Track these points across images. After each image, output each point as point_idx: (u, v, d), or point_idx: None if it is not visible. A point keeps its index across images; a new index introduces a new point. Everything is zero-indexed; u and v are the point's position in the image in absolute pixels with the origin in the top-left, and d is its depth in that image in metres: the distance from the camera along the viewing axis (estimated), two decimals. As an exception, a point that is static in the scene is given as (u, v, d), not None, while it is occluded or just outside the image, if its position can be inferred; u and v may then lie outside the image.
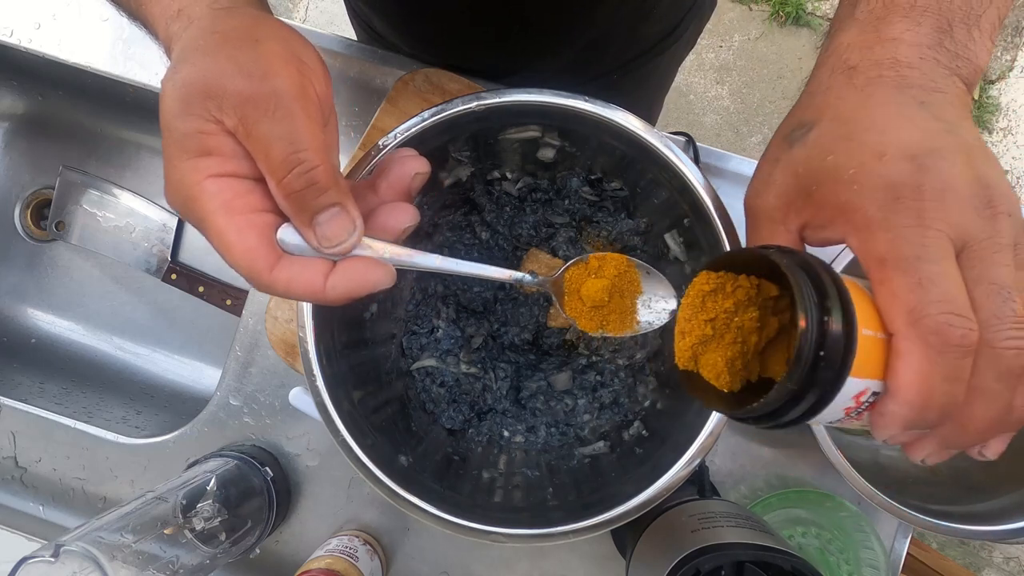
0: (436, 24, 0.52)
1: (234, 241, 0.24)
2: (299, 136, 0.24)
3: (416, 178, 0.29)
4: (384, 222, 0.28)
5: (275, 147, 0.24)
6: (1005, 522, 0.42)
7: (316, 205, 0.25)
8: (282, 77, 0.24)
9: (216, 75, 0.24)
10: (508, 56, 0.54)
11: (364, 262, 0.27)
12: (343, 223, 0.25)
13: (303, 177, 0.24)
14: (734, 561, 0.33)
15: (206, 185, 0.24)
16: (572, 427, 0.48)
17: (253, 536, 0.46)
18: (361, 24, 0.63)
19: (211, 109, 0.24)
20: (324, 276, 0.26)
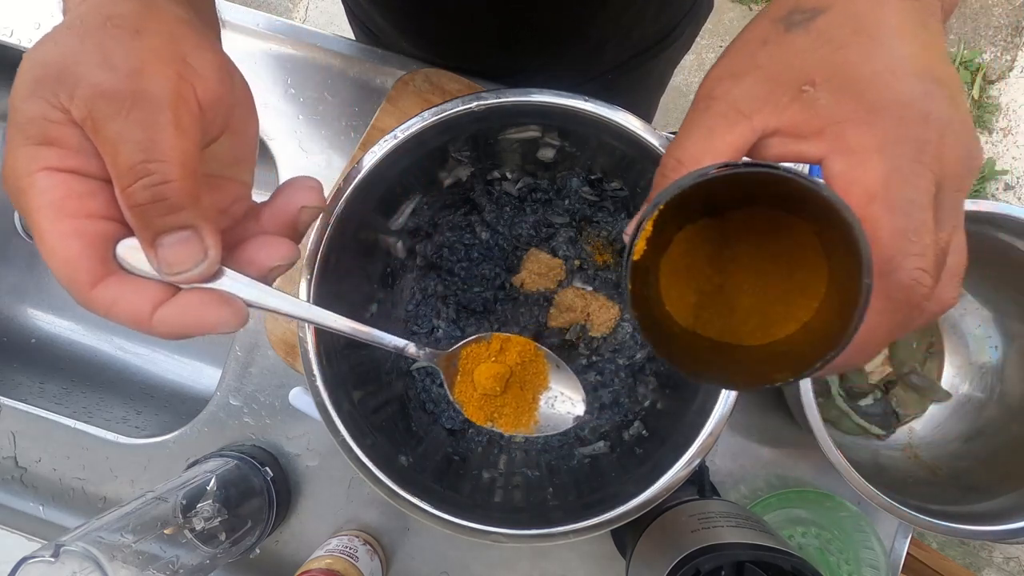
0: (437, 22, 0.52)
1: (55, 247, 0.21)
2: (155, 144, 0.20)
3: (304, 212, 0.26)
4: (251, 255, 0.25)
5: (123, 151, 0.20)
6: (1005, 522, 0.42)
7: (162, 224, 0.21)
8: (152, 77, 0.21)
9: (76, 60, 0.20)
10: (508, 56, 0.54)
11: (206, 298, 0.23)
12: (190, 250, 0.22)
13: (150, 190, 0.20)
14: (734, 561, 0.33)
15: (38, 178, 0.21)
16: (572, 427, 0.48)
17: (253, 536, 0.46)
18: (359, 24, 0.63)
19: (60, 95, 0.20)
20: (153, 305, 0.22)
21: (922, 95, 0.20)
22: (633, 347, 0.48)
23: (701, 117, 0.24)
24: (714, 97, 0.23)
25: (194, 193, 0.22)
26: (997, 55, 1.42)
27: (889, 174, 0.20)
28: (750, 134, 0.23)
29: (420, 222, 0.46)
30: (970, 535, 0.42)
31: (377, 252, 0.44)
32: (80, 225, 0.21)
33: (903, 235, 0.19)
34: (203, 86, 0.22)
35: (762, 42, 0.23)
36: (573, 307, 0.48)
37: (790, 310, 0.23)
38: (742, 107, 0.23)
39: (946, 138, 0.20)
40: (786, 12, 0.23)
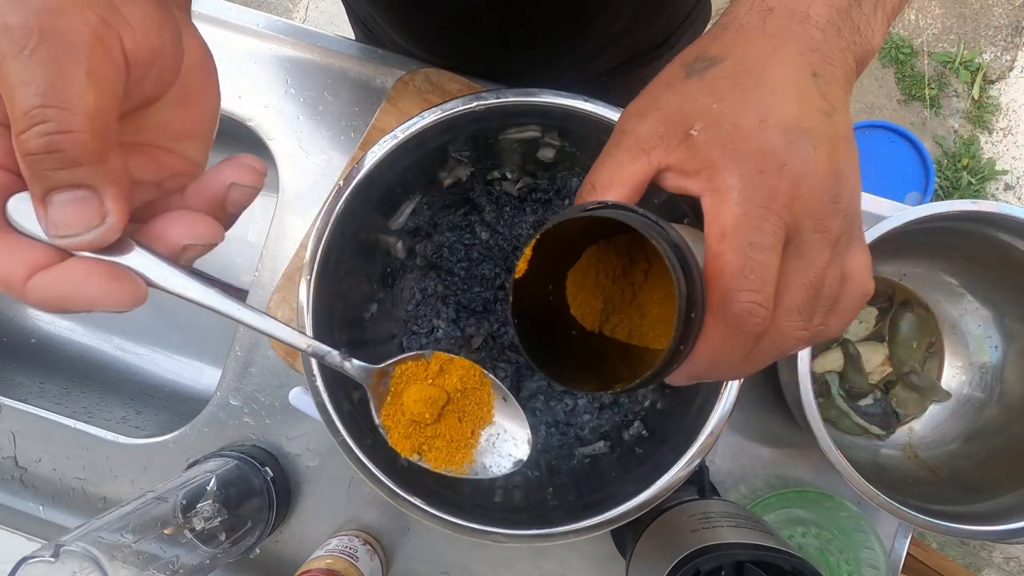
0: (436, 20, 0.52)
1: None
2: (58, 88, 0.18)
3: (233, 189, 0.23)
4: (161, 230, 0.22)
5: (21, 92, 0.18)
6: (1005, 522, 0.42)
7: (56, 179, 0.19)
8: (68, 16, 0.18)
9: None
10: (506, 56, 0.54)
11: (94, 269, 0.20)
12: (83, 211, 0.19)
13: (44, 139, 0.18)
14: (734, 561, 0.33)
15: None
16: (572, 427, 0.48)
17: (253, 536, 0.46)
18: (359, 24, 0.63)
19: None
20: (31, 268, 0.20)
21: (783, 145, 0.23)
22: (633, 347, 0.48)
23: (613, 149, 0.27)
24: (624, 132, 0.26)
25: (100, 150, 0.19)
26: (997, 55, 1.42)
27: (739, 217, 0.22)
28: (648, 168, 0.25)
29: (420, 222, 0.46)
30: (970, 535, 0.42)
31: (377, 252, 0.44)
32: None
33: (740, 272, 0.22)
34: (132, 36, 0.20)
35: (666, 85, 0.26)
36: (573, 307, 0.48)
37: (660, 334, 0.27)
38: (643, 143, 0.25)
39: (801, 186, 0.22)
40: (692, 59, 0.26)
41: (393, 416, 0.27)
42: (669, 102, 0.25)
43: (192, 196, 0.23)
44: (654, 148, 0.25)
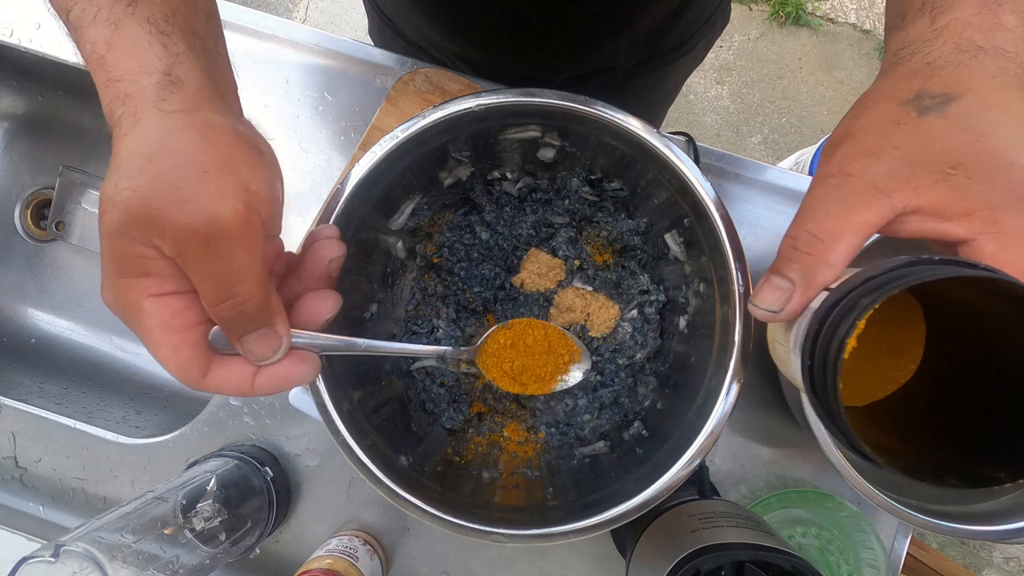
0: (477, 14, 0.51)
1: (169, 356, 0.26)
2: (235, 273, 0.25)
3: (332, 263, 0.30)
4: (310, 312, 0.30)
5: (209, 282, 0.25)
6: (1005, 522, 0.42)
7: (245, 329, 0.26)
8: (225, 215, 0.24)
9: (158, 205, 0.24)
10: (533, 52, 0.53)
11: (289, 362, 0.29)
12: (269, 343, 0.27)
13: (235, 309, 0.25)
14: (734, 561, 0.33)
15: (144, 304, 0.26)
16: (572, 427, 0.48)
17: (253, 536, 0.46)
18: (376, 10, 0.63)
19: (151, 237, 0.24)
20: (252, 376, 0.28)
21: None
22: (633, 347, 0.48)
23: (835, 193, 0.25)
24: (849, 174, 0.25)
25: (267, 300, 0.26)
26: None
27: None
28: (889, 211, 0.24)
29: (420, 222, 0.46)
30: (970, 535, 0.42)
31: (377, 252, 0.44)
32: (186, 336, 0.26)
33: None
34: (264, 208, 0.26)
35: (894, 123, 0.24)
36: (573, 307, 0.48)
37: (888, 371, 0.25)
38: (881, 185, 0.24)
39: None
40: (913, 96, 0.24)
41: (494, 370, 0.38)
42: (909, 139, 0.24)
43: (308, 278, 0.30)
44: (897, 190, 0.24)
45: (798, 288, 0.25)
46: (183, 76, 0.26)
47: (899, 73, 0.26)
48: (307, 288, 0.30)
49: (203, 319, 0.27)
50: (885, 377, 0.26)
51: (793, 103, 1.46)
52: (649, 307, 0.47)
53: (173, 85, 0.25)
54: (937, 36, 0.26)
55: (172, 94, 0.25)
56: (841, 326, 0.21)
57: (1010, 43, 0.24)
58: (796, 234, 0.26)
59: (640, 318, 0.48)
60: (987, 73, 0.24)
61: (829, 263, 0.25)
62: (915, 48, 0.26)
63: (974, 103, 0.23)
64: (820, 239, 0.25)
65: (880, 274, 0.22)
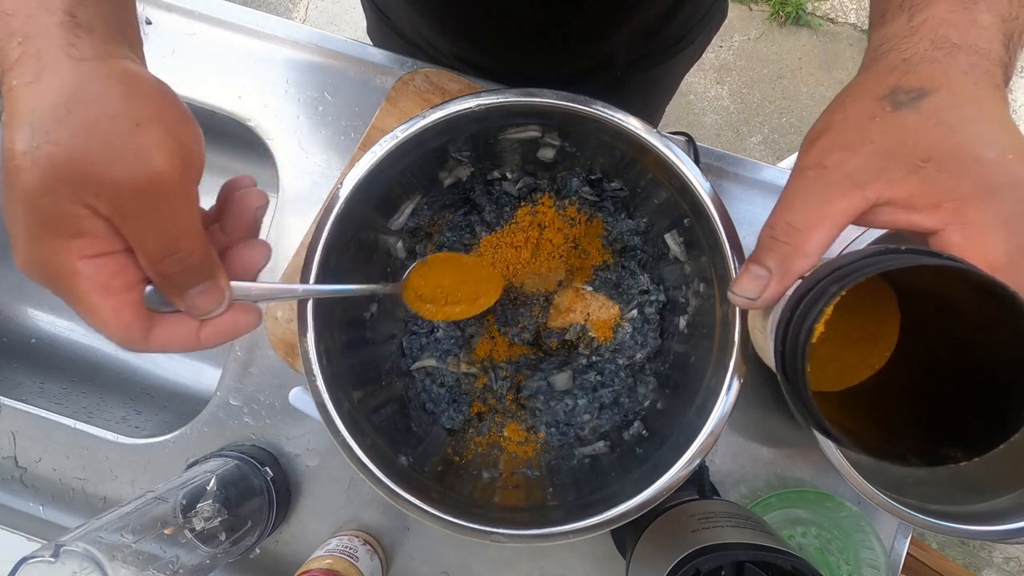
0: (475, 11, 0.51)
1: (110, 319, 0.25)
2: (178, 226, 0.24)
3: (258, 211, 0.30)
4: (243, 262, 0.29)
5: (152, 238, 0.24)
6: (1005, 522, 0.42)
7: (189, 282, 0.26)
8: (163, 168, 0.23)
9: (90, 161, 0.22)
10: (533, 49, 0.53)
11: (233, 312, 0.28)
12: (214, 296, 0.27)
13: (180, 263, 0.25)
14: (734, 561, 0.33)
15: (79, 267, 0.24)
16: (572, 427, 0.48)
17: (253, 536, 0.46)
18: (374, 9, 0.63)
19: (84, 195, 0.23)
20: (196, 331, 0.28)
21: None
22: (633, 347, 0.48)
23: (813, 184, 0.26)
24: (826, 166, 0.25)
25: (208, 252, 0.26)
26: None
27: (1011, 251, 0.22)
28: (862, 203, 0.25)
29: (420, 222, 0.46)
30: (970, 535, 0.42)
31: (377, 252, 0.44)
32: (125, 297, 0.25)
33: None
34: (197, 161, 0.25)
35: (870, 117, 0.25)
36: (573, 307, 0.48)
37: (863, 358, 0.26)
38: (857, 178, 0.25)
39: None
40: (888, 91, 0.25)
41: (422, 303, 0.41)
42: (883, 133, 0.25)
43: (235, 228, 0.29)
44: (871, 183, 0.25)
45: (775, 276, 0.26)
46: (90, 20, 0.24)
47: (877, 69, 0.27)
48: (234, 239, 0.30)
49: (140, 279, 0.26)
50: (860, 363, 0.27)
51: (793, 103, 1.46)
52: (649, 307, 0.47)
53: (80, 28, 0.23)
54: (914, 33, 0.26)
55: (80, 39, 0.23)
56: (810, 313, 0.22)
57: (984, 40, 0.25)
58: (774, 224, 0.26)
59: (640, 318, 0.48)
60: (960, 69, 0.25)
61: (805, 252, 0.26)
62: (892, 44, 0.27)
63: (946, 99, 0.24)
64: (797, 229, 0.25)
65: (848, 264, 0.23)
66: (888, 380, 0.27)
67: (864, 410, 0.27)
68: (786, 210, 0.26)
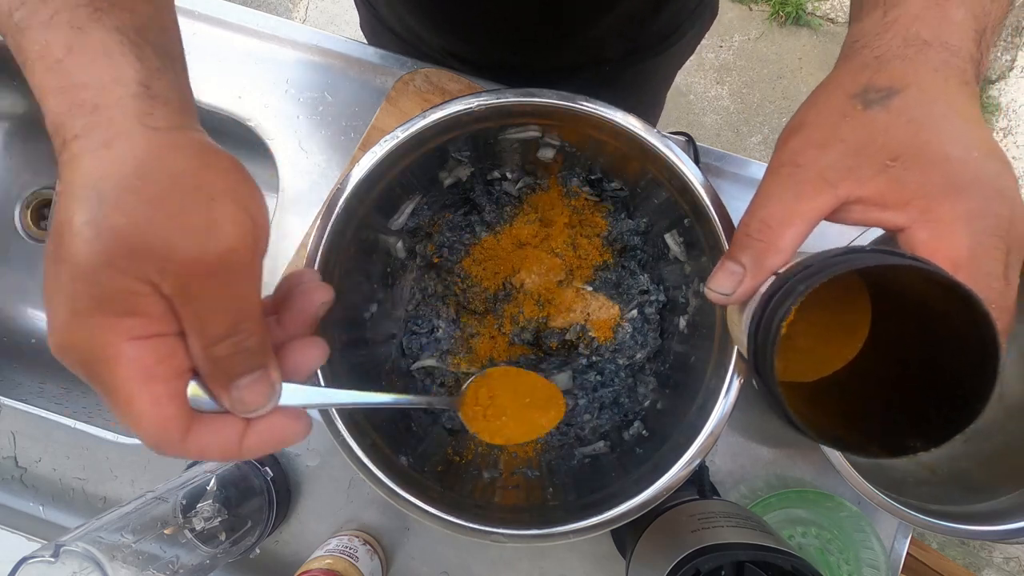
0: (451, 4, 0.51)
1: (148, 411, 0.22)
2: (243, 306, 0.22)
3: (321, 307, 0.28)
4: (296, 362, 0.26)
5: (215, 319, 0.22)
6: (1005, 522, 0.42)
7: (238, 371, 0.23)
8: (236, 245, 0.22)
9: (161, 235, 0.20)
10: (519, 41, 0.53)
11: (281, 418, 0.25)
12: (263, 388, 0.24)
13: (237, 347, 0.22)
14: (734, 561, 0.33)
15: (124, 348, 0.21)
16: (572, 427, 0.48)
17: (253, 536, 0.46)
18: (365, 5, 0.63)
19: (148, 272, 0.21)
20: (239, 436, 0.24)
21: (996, 173, 0.23)
22: (633, 347, 0.48)
23: (786, 182, 0.26)
24: (799, 164, 0.26)
25: (266, 339, 0.23)
26: (997, 55, 1.42)
27: (974, 246, 0.23)
28: (834, 200, 0.25)
29: (420, 222, 0.46)
30: (970, 535, 0.42)
31: (377, 252, 0.44)
32: (169, 387, 0.22)
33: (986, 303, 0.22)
34: (264, 238, 0.23)
35: (841, 116, 0.26)
36: (573, 307, 0.48)
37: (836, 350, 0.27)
38: (828, 176, 0.25)
39: (1016, 212, 0.23)
40: (860, 89, 0.26)
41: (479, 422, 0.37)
42: (854, 131, 0.25)
43: (292, 324, 0.27)
44: (842, 180, 0.25)
45: (748, 272, 0.27)
46: (165, 92, 0.23)
47: (850, 66, 0.27)
48: (290, 335, 0.27)
49: (186, 368, 0.23)
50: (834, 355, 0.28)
51: (793, 103, 1.46)
52: (649, 307, 0.48)
53: (155, 100, 0.22)
54: (887, 30, 0.27)
55: (156, 109, 0.22)
56: (778, 311, 0.23)
57: (956, 37, 0.25)
58: (748, 221, 0.27)
59: (640, 318, 0.48)
60: (931, 67, 0.25)
61: (778, 249, 0.26)
62: (866, 41, 0.27)
63: (916, 97, 0.24)
64: (770, 226, 0.26)
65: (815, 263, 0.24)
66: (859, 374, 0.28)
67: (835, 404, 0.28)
68: (760, 207, 0.27)
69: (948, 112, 0.24)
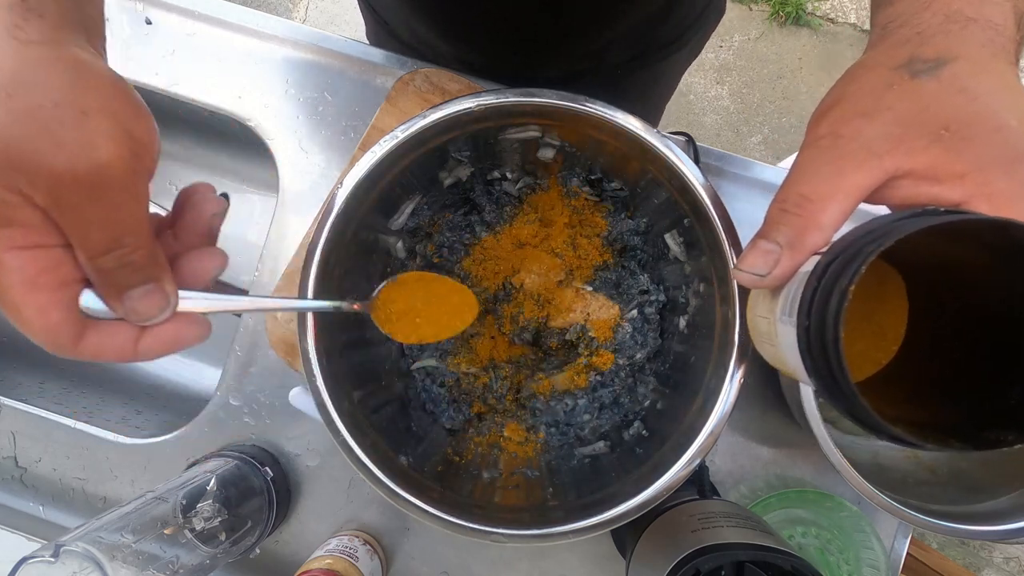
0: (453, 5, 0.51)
1: (33, 318, 0.23)
2: (122, 221, 0.23)
3: (215, 218, 0.28)
4: (194, 270, 0.27)
5: (94, 232, 0.22)
6: (1005, 522, 0.42)
7: (128, 283, 0.24)
8: (110, 161, 0.22)
9: (30, 148, 0.21)
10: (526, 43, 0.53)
11: (177, 322, 0.26)
12: (156, 300, 0.24)
13: (121, 259, 0.23)
14: (734, 561, 0.33)
15: (5, 259, 0.22)
16: (572, 427, 0.48)
17: (253, 536, 0.46)
18: (369, 9, 0.63)
19: (19, 183, 0.21)
20: (134, 340, 0.25)
21: None
22: (633, 347, 0.48)
23: (827, 155, 0.24)
24: (842, 135, 0.24)
25: (155, 252, 0.24)
26: None
27: None
28: (881, 174, 0.23)
29: (420, 222, 0.46)
30: (970, 535, 0.42)
31: (377, 252, 0.44)
32: (55, 296, 0.23)
33: None
34: (149, 158, 0.23)
35: (887, 85, 0.24)
36: (573, 307, 0.48)
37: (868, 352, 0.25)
38: (874, 147, 0.23)
39: None
40: (906, 60, 0.24)
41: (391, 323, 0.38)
42: (903, 101, 0.23)
43: (187, 235, 0.27)
44: (889, 152, 0.23)
45: (786, 251, 0.24)
46: (41, 5, 0.23)
47: (889, 43, 0.26)
48: (186, 247, 0.27)
49: (76, 279, 0.24)
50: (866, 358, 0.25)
51: (793, 103, 1.46)
52: (649, 307, 0.48)
53: (29, 12, 0.22)
54: (926, 8, 0.25)
55: (27, 22, 0.22)
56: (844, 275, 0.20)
57: (999, 15, 0.24)
58: (785, 196, 0.25)
59: (640, 318, 0.48)
60: (977, 42, 0.24)
61: (820, 225, 0.24)
62: (903, 20, 0.26)
63: (966, 67, 0.23)
64: (811, 200, 0.24)
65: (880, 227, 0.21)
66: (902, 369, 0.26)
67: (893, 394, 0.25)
68: (798, 182, 0.24)
69: (1001, 84, 0.23)
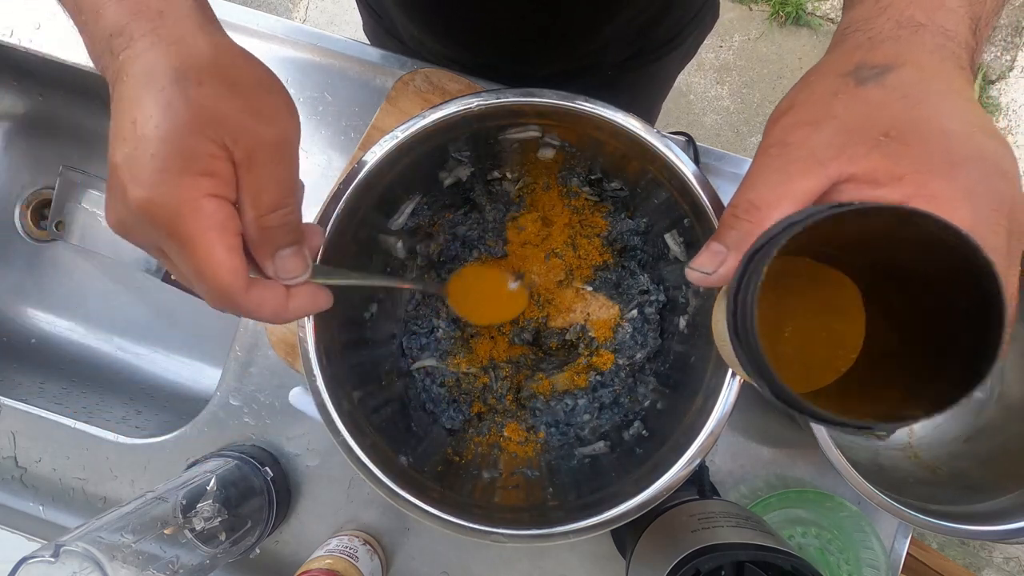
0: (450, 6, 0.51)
1: (224, 259, 0.25)
2: (289, 182, 0.27)
3: None
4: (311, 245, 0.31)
5: (270, 189, 0.26)
6: (1005, 522, 0.42)
7: (282, 242, 0.28)
8: (290, 130, 0.27)
9: (236, 109, 0.25)
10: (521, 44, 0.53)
11: (312, 288, 0.31)
12: (300, 260, 0.29)
13: (284, 219, 0.27)
14: (734, 561, 0.33)
15: (204, 203, 0.25)
16: (572, 427, 0.48)
17: (253, 536, 0.46)
18: (367, 8, 0.63)
19: (224, 137, 0.25)
20: (286, 299, 0.29)
21: (994, 151, 0.22)
22: (633, 347, 0.48)
23: (775, 162, 0.25)
24: (789, 144, 0.25)
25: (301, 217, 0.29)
26: (997, 55, 1.42)
27: (975, 223, 0.22)
28: (825, 180, 0.24)
29: (420, 222, 0.46)
30: (970, 535, 0.42)
31: (377, 252, 0.44)
32: (237, 241, 0.26)
33: None
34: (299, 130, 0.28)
35: (833, 94, 0.25)
36: (573, 307, 0.48)
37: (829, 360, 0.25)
38: (819, 155, 0.24)
39: (1017, 197, 0.22)
40: (853, 67, 0.25)
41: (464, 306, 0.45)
42: (847, 108, 0.24)
43: None
44: (833, 159, 0.24)
45: (732, 252, 0.26)
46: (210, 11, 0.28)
47: (842, 48, 0.26)
48: None
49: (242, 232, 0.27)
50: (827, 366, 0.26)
51: (793, 103, 1.45)
52: (649, 307, 0.47)
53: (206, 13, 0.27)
54: (880, 14, 0.26)
55: (210, 23, 0.27)
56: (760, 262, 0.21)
57: (951, 23, 0.25)
58: (737, 203, 0.26)
59: (640, 318, 0.48)
60: (926, 48, 0.24)
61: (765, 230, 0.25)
62: (858, 26, 0.27)
63: (912, 74, 0.24)
64: (758, 207, 0.25)
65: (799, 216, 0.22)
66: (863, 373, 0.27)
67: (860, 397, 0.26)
68: (748, 189, 0.26)
69: (946, 90, 0.23)
